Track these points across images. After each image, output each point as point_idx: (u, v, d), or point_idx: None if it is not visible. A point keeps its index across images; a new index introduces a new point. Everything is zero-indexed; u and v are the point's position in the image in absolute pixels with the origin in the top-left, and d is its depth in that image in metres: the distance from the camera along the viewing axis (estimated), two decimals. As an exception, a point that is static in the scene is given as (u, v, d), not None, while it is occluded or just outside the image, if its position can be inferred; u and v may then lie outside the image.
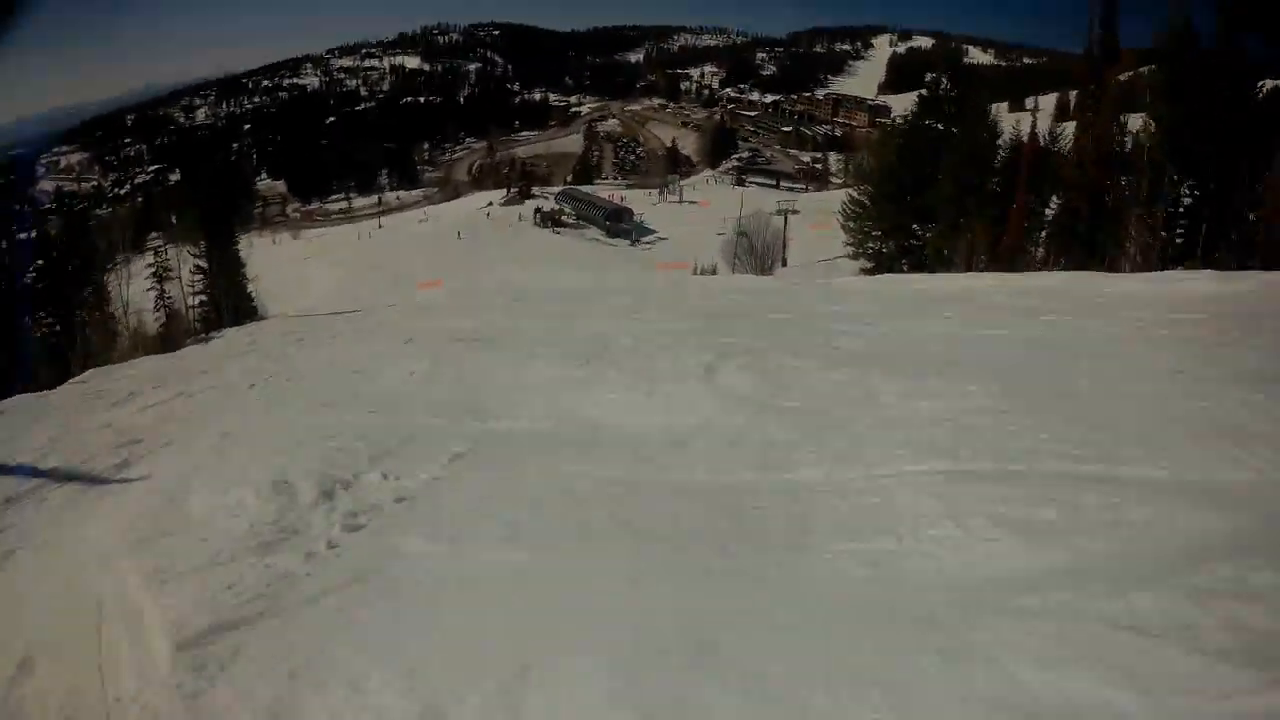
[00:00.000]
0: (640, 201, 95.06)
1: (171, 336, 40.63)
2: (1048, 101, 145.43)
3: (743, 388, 8.91)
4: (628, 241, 79.19)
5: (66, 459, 8.82)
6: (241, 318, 42.75)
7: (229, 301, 45.51)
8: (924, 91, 35.47)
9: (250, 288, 49.27)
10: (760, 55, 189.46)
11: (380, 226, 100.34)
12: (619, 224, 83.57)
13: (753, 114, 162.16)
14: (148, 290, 49.95)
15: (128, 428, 10.08)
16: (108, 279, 47.09)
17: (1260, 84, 22.90)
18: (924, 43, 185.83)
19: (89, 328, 40.17)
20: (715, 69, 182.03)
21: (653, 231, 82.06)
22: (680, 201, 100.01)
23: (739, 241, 44.36)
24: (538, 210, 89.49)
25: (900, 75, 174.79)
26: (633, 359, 10.51)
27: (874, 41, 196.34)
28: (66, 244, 48.95)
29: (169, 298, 50.30)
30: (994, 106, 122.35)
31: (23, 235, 53.33)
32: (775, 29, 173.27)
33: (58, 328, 40.63)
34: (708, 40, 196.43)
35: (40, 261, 45.69)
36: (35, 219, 61.78)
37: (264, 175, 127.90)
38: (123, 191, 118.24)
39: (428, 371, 11.17)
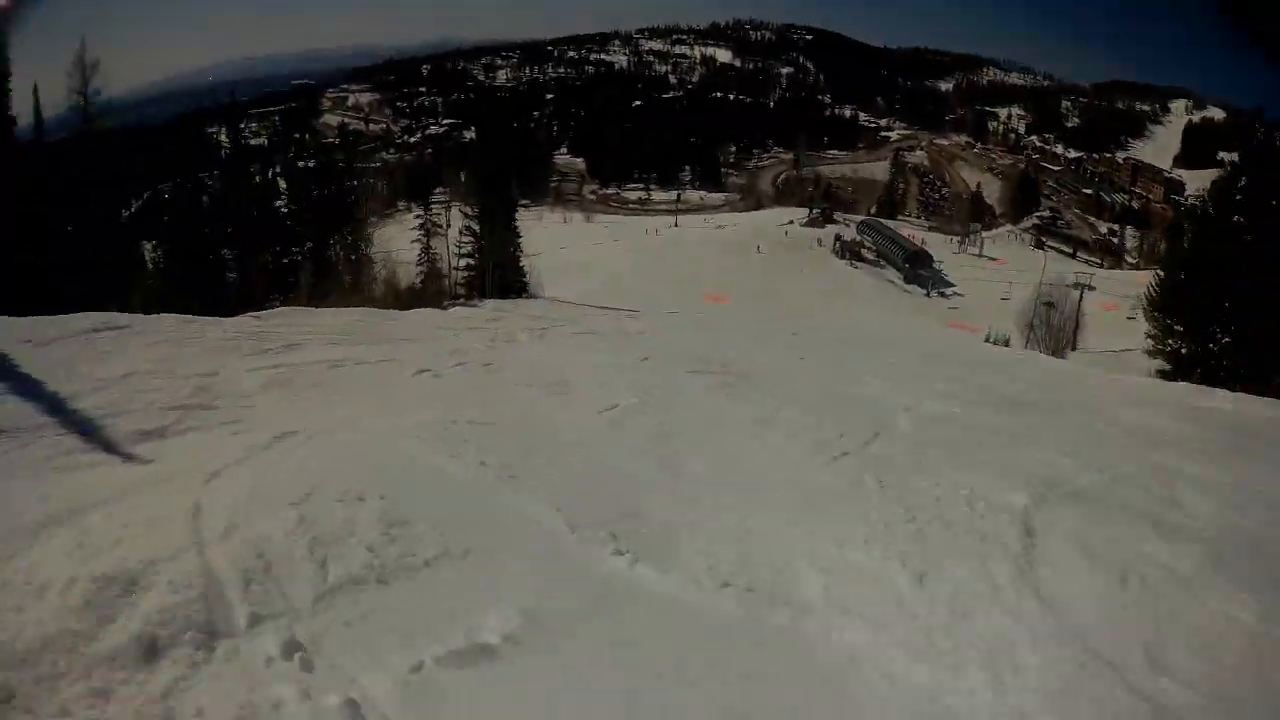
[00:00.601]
0: (939, 246, 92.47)
1: (426, 294, 41.38)
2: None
3: (1077, 593, 5.59)
4: (923, 290, 76.80)
5: (63, 424, 7.68)
6: (508, 291, 44.74)
7: (496, 273, 46.85)
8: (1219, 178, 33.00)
9: (524, 262, 49.58)
10: (1065, 103, 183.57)
11: (676, 225, 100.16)
12: (917, 269, 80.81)
13: (1055, 169, 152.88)
14: (412, 243, 52.69)
15: (204, 391, 9.45)
16: (374, 223, 48.57)
17: None
18: (1218, 114, 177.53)
19: (340, 266, 42.94)
20: (1021, 112, 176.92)
21: (950, 285, 79.24)
22: (979, 255, 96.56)
23: (1040, 312, 43.42)
24: (838, 238, 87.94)
25: (1194, 147, 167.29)
26: (899, 473, 7.71)
27: (1171, 106, 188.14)
28: (335, 180, 50.40)
29: (434, 254, 52.42)
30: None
31: (301, 163, 55.18)
32: (1080, 74, 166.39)
33: (299, 258, 42.81)
34: (1015, 79, 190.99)
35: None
36: (317, 150, 63.84)
37: (564, 150, 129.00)
38: (412, 140, 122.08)
39: (627, 409, 10.06)
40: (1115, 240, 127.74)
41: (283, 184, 52.53)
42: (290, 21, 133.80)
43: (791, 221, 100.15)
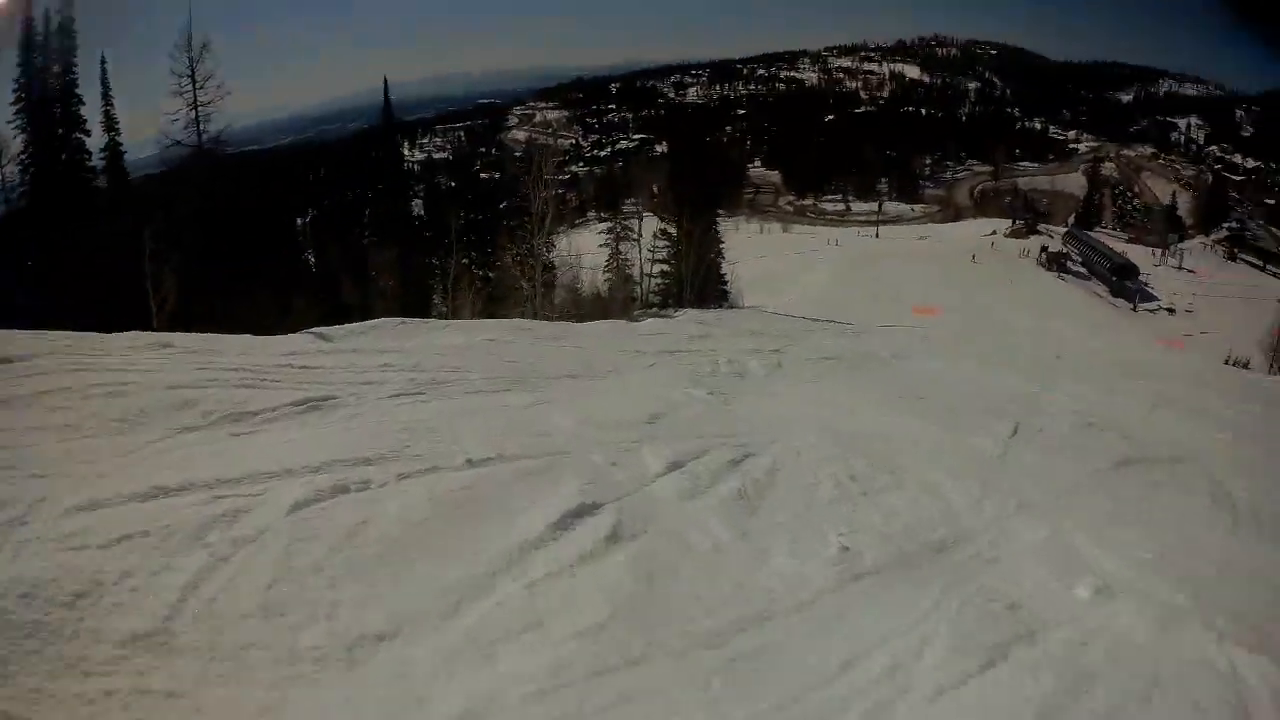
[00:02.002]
0: (1138, 258, 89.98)
1: (613, 301, 41.29)
2: None
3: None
4: (1130, 305, 75.47)
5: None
6: (706, 301, 43.76)
7: (695, 279, 46.01)
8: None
9: (725, 270, 49.75)
10: (1239, 112, 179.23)
11: (878, 236, 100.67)
12: (1124, 282, 79.10)
13: (1238, 178, 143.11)
14: (600, 246, 52.83)
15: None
16: (562, 230, 48.68)
17: None
18: None
19: (517, 270, 44.04)
20: (1200, 122, 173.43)
21: (1155, 299, 78.04)
22: (1179, 268, 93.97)
23: None
24: (1044, 249, 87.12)
25: None
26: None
27: None
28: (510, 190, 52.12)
29: (624, 259, 51.98)
30: None
31: (484, 175, 57.79)
32: (1251, 83, 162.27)
33: (469, 266, 45.14)
34: (1189, 89, 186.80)
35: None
36: (503, 164, 66.61)
37: (757, 163, 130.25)
38: (602, 154, 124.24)
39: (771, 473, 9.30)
40: None
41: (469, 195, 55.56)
42: (477, 39, 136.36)
43: (995, 232, 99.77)
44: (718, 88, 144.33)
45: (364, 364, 13.03)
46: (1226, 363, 42.98)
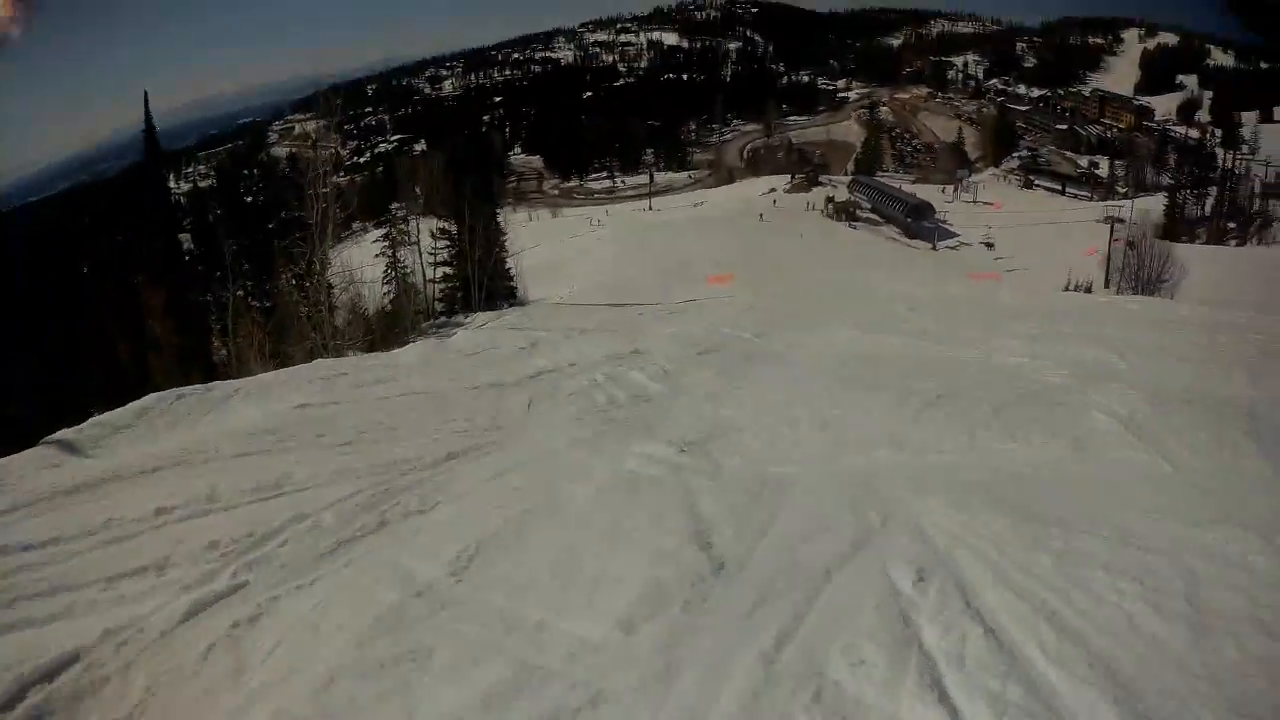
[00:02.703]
0: (929, 198, 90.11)
1: (400, 316, 37.43)
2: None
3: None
4: (929, 244, 75.84)
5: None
6: (498, 299, 42.03)
7: (482, 278, 43.38)
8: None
9: (510, 265, 47.46)
10: (1020, 45, 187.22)
11: (651, 208, 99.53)
12: (920, 222, 79.62)
13: (1024, 108, 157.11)
14: (376, 257, 48.61)
15: None
16: (331, 246, 46.64)
17: None
18: (1170, 39, 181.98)
19: (279, 299, 40.54)
20: (977, 58, 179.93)
21: (954, 235, 78.67)
22: (974, 201, 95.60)
23: (1126, 255, 42.89)
24: (830, 200, 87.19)
25: (1151, 74, 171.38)
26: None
27: (1123, 35, 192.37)
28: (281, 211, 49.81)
29: (403, 267, 48.18)
30: (1240, 115, 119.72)
31: (249, 198, 55.84)
32: (1027, 16, 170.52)
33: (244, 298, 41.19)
34: (963, 28, 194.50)
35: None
36: (268, 182, 64.51)
37: (518, 150, 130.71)
38: (362, 160, 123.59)
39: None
40: (1097, 172, 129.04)
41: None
42: (229, 57, 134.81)
43: (774, 190, 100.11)
44: (473, 77, 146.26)
45: (123, 511, 7.72)
46: (1068, 288, 43.34)
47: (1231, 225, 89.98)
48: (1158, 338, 14.78)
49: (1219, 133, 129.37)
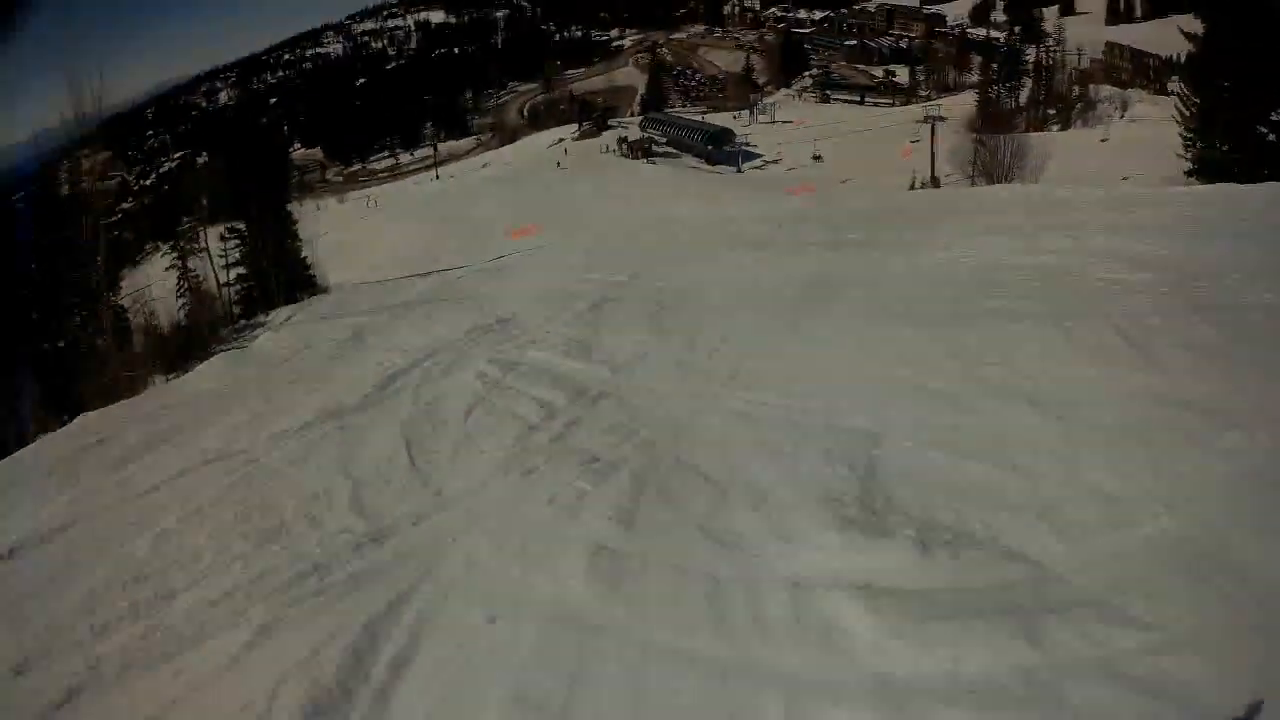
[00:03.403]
0: (726, 124, 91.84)
1: (197, 327, 38.14)
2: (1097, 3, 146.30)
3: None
4: (734, 169, 75.44)
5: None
6: (297, 290, 38.27)
7: (279, 273, 40.00)
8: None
9: (305, 253, 45.04)
10: None
11: (437, 178, 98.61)
12: (721, 148, 79.82)
13: (807, 30, 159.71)
14: (167, 269, 47.53)
15: None
16: (124, 274, 43.33)
17: None
18: None
19: (89, 335, 38.78)
20: None
21: (758, 156, 78.82)
22: (773, 122, 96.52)
23: (976, 149, 44.03)
24: (623, 140, 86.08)
25: None
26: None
27: None
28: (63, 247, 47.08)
29: (195, 276, 44.88)
30: (1040, 10, 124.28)
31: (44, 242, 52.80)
32: None
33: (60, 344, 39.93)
34: None
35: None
36: (54, 226, 61.23)
37: (297, 145, 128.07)
38: (147, 183, 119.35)
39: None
40: (895, 80, 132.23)
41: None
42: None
43: (561, 140, 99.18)
44: (249, 84, 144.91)
45: None
46: (914, 186, 45.75)
47: (1051, 112, 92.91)
48: (1120, 217, 14.79)
49: (1019, 30, 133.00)
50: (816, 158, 75.59)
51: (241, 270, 42.58)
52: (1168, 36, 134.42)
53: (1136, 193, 19.23)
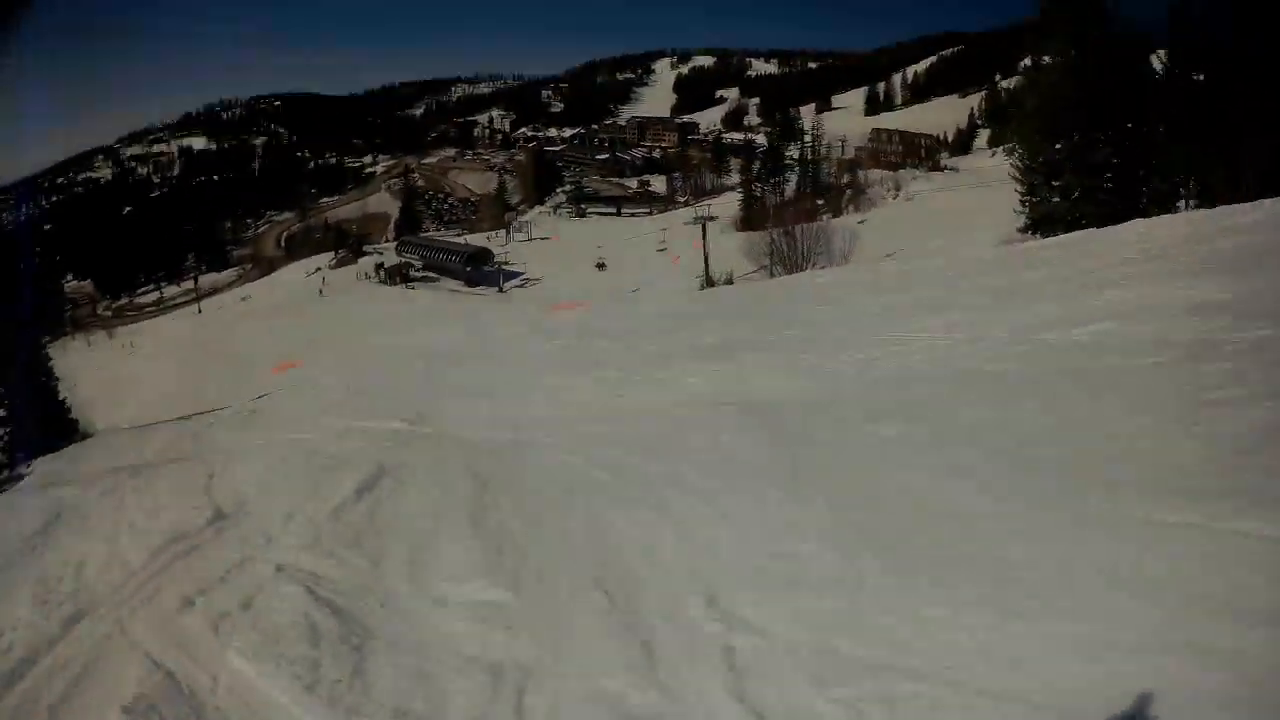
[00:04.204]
0: (482, 244, 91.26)
1: None
2: (854, 98, 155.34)
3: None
4: (495, 289, 75.03)
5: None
6: (55, 438, 40.09)
7: (34, 419, 40.36)
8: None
9: (64, 396, 44.40)
10: (545, 93, 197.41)
11: (200, 312, 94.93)
12: (480, 268, 79.55)
13: (558, 148, 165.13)
14: None
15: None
16: None
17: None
18: (705, 61, 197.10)
19: None
20: (503, 112, 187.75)
21: (518, 274, 79.06)
22: (530, 239, 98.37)
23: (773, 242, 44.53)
24: (379, 266, 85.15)
25: (689, 95, 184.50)
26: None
27: (654, 67, 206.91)
28: None
29: None
30: (798, 109, 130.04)
31: None
32: (551, 69, 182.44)
33: None
34: (484, 89, 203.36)
35: None
36: None
37: (69, 278, 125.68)
38: None
39: None
40: (651, 189, 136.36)
41: None
42: None
43: (319, 269, 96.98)
44: (20, 209, 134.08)
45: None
46: (705, 286, 44.31)
47: (820, 201, 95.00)
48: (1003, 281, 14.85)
49: (777, 129, 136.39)
50: (600, 266, 76.80)
51: (-4, 420, 42.19)
52: (933, 117, 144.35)
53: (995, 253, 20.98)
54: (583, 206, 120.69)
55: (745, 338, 14.88)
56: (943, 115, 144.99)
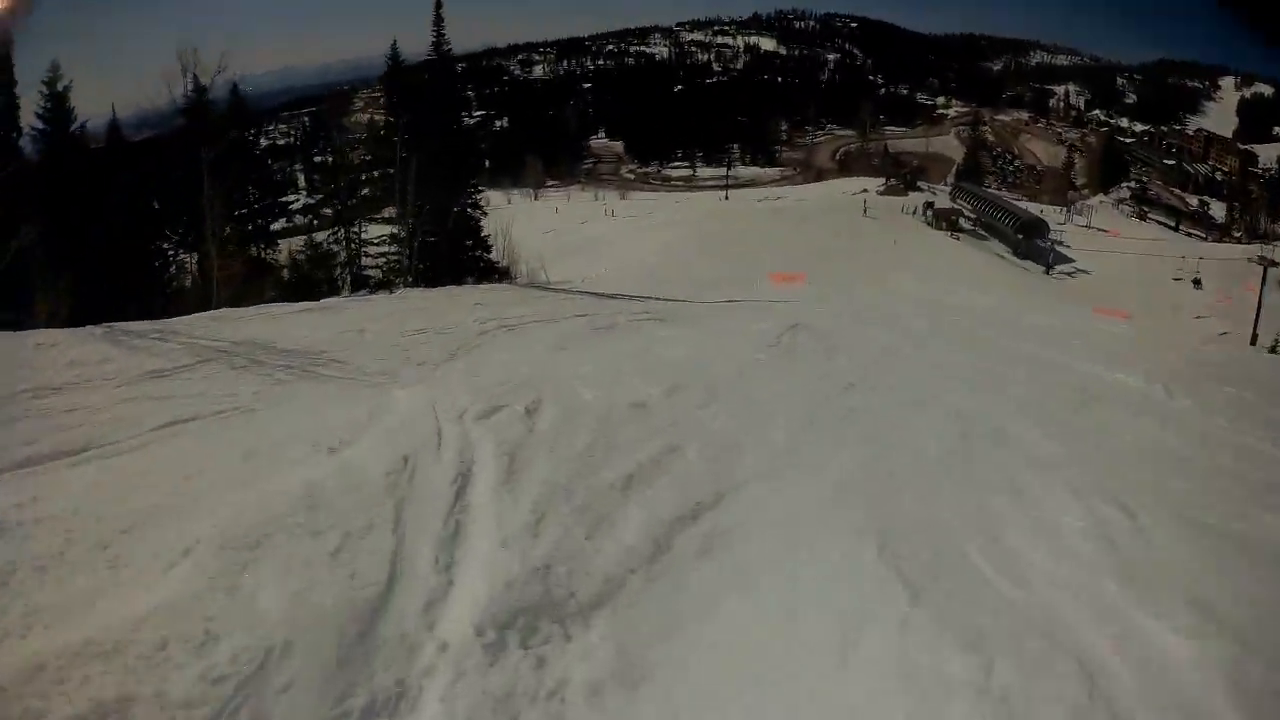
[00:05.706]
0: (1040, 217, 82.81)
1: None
2: None
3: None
4: (1041, 267, 69.14)
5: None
6: (463, 273, 39.08)
7: (441, 245, 40.08)
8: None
9: (489, 234, 43.98)
10: (1120, 81, 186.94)
11: (726, 198, 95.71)
12: (1033, 241, 72.54)
13: (1128, 140, 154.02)
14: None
15: None
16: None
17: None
18: (1263, 89, 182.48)
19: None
20: (1078, 88, 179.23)
21: (1069, 260, 71.93)
22: (1089, 227, 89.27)
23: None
24: (929, 205, 80.00)
25: (1252, 122, 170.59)
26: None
27: (1220, 82, 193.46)
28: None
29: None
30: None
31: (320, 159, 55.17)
32: (1124, 55, 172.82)
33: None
34: (1061, 60, 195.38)
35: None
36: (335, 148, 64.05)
37: (600, 135, 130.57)
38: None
39: None
40: (1210, 213, 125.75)
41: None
42: (323, 37, 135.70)
43: (866, 190, 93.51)
44: (565, 64, 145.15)
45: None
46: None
47: None
48: None
49: None
50: (1196, 283, 68.27)
51: (396, 231, 42.42)
52: None
53: None
54: (1144, 209, 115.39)
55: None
56: None
